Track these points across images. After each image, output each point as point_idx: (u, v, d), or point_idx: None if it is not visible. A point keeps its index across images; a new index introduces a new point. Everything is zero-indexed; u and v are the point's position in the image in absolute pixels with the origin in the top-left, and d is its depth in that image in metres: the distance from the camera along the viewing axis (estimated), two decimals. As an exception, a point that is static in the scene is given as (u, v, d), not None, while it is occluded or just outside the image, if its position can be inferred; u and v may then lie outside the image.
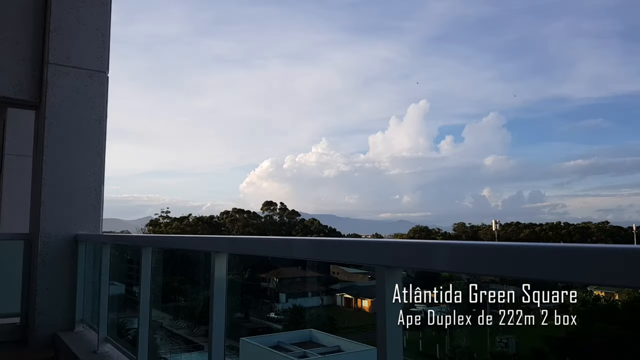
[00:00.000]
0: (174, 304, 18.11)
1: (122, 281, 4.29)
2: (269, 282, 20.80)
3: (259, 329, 18.70)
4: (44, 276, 4.19)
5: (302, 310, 18.97)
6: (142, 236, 2.88)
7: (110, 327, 3.66)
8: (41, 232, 4.19)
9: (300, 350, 14.01)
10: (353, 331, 18.36)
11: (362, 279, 20.86)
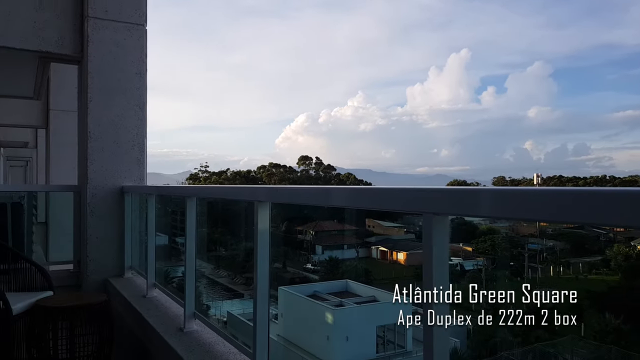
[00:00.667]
0: (215, 254, 18.73)
1: (166, 232, 4.45)
2: (306, 235, 21.08)
3: (296, 278, 19.18)
4: (94, 226, 4.38)
5: (337, 261, 19.27)
6: (186, 187, 2.96)
7: (156, 275, 3.82)
8: (89, 184, 4.35)
9: (336, 299, 14.36)
10: (388, 282, 18.59)
11: (398, 232, 20.88)
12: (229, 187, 2.53)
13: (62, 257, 4.85)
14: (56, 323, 3.01)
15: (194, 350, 2.62)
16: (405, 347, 12.60)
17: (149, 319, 3.19)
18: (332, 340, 12.70)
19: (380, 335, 12.85)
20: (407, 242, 19.60)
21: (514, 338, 11.89)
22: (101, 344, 3.13)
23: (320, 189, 1.88)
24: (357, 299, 14.54)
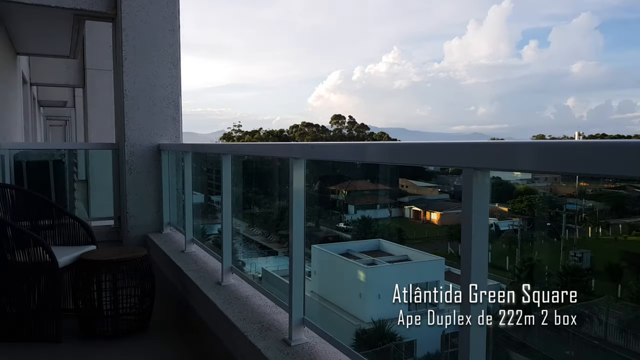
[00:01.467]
0: (249, 212, 19.05)
1: (202, 191, 4.53)
2: (338, 194, 21.14)
3: (329, 237, 19.38)
4: (132, 183, 4.49)
5: (370, 221, 19.32)
6: (222, 145, 2.97)
7: (194, 231, 3.91)
8: (126, 142, 4.43)
9: (368, 258, 14.50)
10: (420, 242, 18.57)
11: (432, 192, 20.67)
12: (263, 145, 2.52)
13: (103, 213, 5.01)
14: (100, 276, 3.13)
15: (231, 302, 2.69)
16: (437, 305, 12.74)
17: (188, 272, 3.28)
18: (364, 298, 12.90)
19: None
20: (441, 202, 19.41)
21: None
22: (143, 296, 3.24)
23: (355, 145, 1.85)
24: (389, 258, 14.63)
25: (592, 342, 10.51)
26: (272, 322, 2.42)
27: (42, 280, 3.13)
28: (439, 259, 16.37)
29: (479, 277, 1.31)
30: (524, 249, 14.50)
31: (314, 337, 2.23)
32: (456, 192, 20.21)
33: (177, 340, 3.14)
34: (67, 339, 3.09)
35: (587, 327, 11.08)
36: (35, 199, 3.63)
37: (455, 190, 20.23)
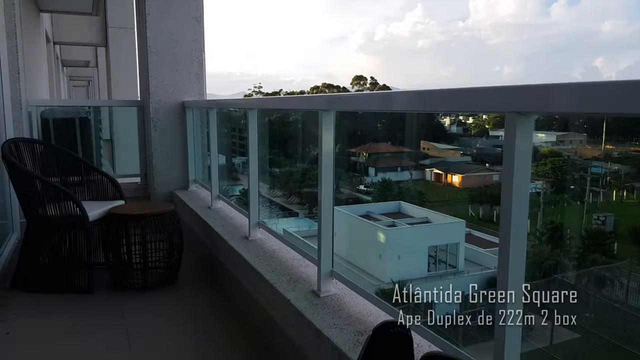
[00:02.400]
0: (270, 174, 19.11)
1: (224, 153, 4.53)
2: (359, 157, 21.00)
3: (350, 199, 19.38)
4: (158, 140, 4.51)
5: (391, 183, 19.21)
6: (248, 99, 2.94)
7: (219, 188, 3.93)
8: (151, 99, 4.43)
9: (389, 219, 14.54)
10: (441, 205, 18.48)
11: (454, 154, 20.41)
12: (290, 98, 2.48)
13: (128, 171, 5.07)
14: (129, 230, 3.19)
15: (259, 255, 2.72)
16: (456, 267, 12.72)
17: (215, 227, 3.32)
18: (384, 258, 13.00)
19: (432, 255, 12.98)
20: (463, 164, 19.20)
21: (569, 261, 11.74)
22: (171, 250, 3.30)
23: (384, 94, 1.80)
24: (409, 220, 14.64)
25: (612, 304, 10.47)
26: (300, 274, 2.45)
27: (72, 233, 3.20)
28: (460, 221, 16.27)
29: (519, 229, 1.26)
30: (546, 212, 14.36)
31: (342, 289, 2.25)
32: (478, 154, 19.96)
33: (205, 292, 3.21)
34: (98, 291, 3.18)
35: (608, 290, 11.01)
36: (63, 154, 3.68)
37: (478, 152, 19.98)
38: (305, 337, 2.00)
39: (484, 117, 19.81)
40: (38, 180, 3.09)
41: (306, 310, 2.04)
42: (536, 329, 9.50)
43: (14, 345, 2.49)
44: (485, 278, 11.82)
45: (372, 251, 13.16)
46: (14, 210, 4.08)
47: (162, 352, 2.43)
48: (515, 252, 1.28)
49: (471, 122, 20.97)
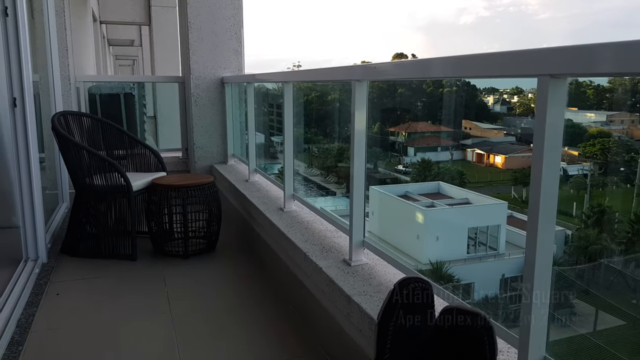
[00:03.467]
0: (308, 153, 19.18)
1: (262, 132, 4.60)
2: (398, 136, 20.78)
3: (387, 179, 19.24)
4: (198, 115, 4.62)
5: (430, 163, 18.92)
6: (283, 72, 2.97)
7: (257, 161, 4.01)
8: (192, 75, 4.53)
9: (427, 200, 14.37)
10: (483, 186, 18.11)
11: (497, 134, 19.88)
12: (324, 69, 2.49)
13: (171, 144, 5.23)
14: (170, 200, 3.31)
15: (293, 226, 2.78)
16: (497, 249, 12.49)
17: (252, 199, 3.40)
18: (421, 239, 12.88)
19: (471, 237, 12.78)
20: (506, 144, 18.68)
21: (616, 246, 11.34)
22: (210, 220, 3.41)
23: (419, 61, 1.78)
24: (449, 201, 14.42)
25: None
26: (332, 244, 2.49)
27: (118, 203, 3.35)
28: (502, 203, 15.87)
29: (549, 202, 1.23)
30: (594, 194, 13.84)
31: (374, 260, 2.28)
32: (523, 134, 19.35)
33: (242, 260, 3.31)
34: (141, 258, 3.33)
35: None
36: (109, 127, 3.83)
37: (522, 132, 19.37)
38: (336, 304, 2.05)
39: (529, 95, 19.14)
40: (85, 151, 3.24)
41: (337, 277, 2.09)
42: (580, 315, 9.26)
43: (63, 306, 2.65)
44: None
45: (410, 231, 13.06)
46: (63, 182, 4.29)
47: (201, 315, 2.54)
48: (544, 227, 1.24)
49: (516, 101, 20.32)
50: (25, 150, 2.87)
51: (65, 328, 2.41)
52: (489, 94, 19.89)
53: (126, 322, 2.47)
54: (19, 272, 2.79)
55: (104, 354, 2.18)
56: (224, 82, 4.60)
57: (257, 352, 2.19)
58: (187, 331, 2.37)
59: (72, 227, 3.37)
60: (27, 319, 2.41)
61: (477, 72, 1.45)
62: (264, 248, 3.12)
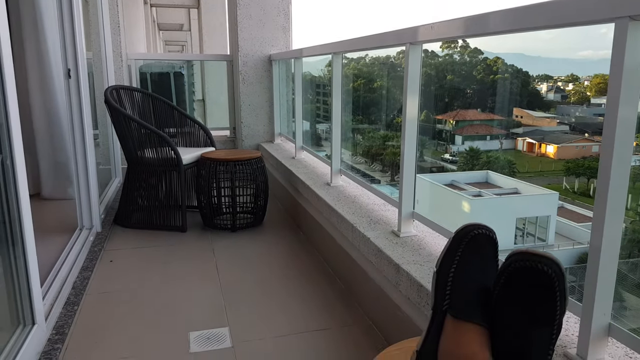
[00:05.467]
0: (353, 141, 19.10)
1: (308, 120, 4.57)
2: (445, 124, 20.39)
3: (433, 168, 18.93)
4: (246, 93, 4.64)
5: (478, 152, 18.45)
6: (331, 44, 2.93)
7: (304, 138, 3.99)
8: (240, 52, 4.55)
9: (475, 189, 14.00)
10: (533, 176, 17.53)
11: (549, 123, 19.19)
12: (374, 36, 2.42)
13: (220, 123, 5.29)
14: (219, 174, 3.34)
15: (340, 200, 2.75)
16: (546, 240, 12.06)
17: (299, 175, 3.39)
18: (468, 229, 12.62)
19: (519, 227, 12.38)
20: (559, 134, 17.98)
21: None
22: (257, 195, 3.43)
23: (476, 16, 1.68)
24: (497, 191, 14.01)
25: None
26: (380, 217, 2.45)
27: (168, 176, 3.41)
28: (552, 194, 15.36)
29: (619, 183, 1.13)
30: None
31: (424, 231, 2.22)
32: (577, 123, 18.53)
33: (288, 234, 3.31)
34: (191, 230, 3.38)
35: None
36: (160, 103, 3.90)
37: (577, 121, 18.54)
38: (384, 274, 2.01)
39: (585, 83, 18.29)
40: (136, 123, 3.31)
41: (386, 247, 2.04)
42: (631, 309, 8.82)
43: (116, 271, 2.73)
44: (576, 253, 11.12)
45: (456, 221, 12.79)
46: (116, 158, 4.42)
47: (248, 284, 2.55)
48: (612, 212, 1.15)
49: (571, 89, 19.46)
50: (80, 123, 2.96)
51: (118, 292, 2.47)
52: (543, 81, 19.12)
53: (176, 287, 2.51)
54: (75, 238, 2.89)
55: (156, 315, 2.22)
56: (271, 60, 4.60)
57: (303, 320, 2.18)
58: (235, 298, 2.39)
59: (124, 199, 3.46)
60: (82, 282, 2.49)
61: (545, 22, 1.35)
62: (311, 222, 3.11)
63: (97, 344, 1.99)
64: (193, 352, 1.94)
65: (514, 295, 0.76)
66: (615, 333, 1.19)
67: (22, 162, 1.76)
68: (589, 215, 11.08)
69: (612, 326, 1.19)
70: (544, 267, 0.73)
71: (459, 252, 0.86)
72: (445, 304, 0.82)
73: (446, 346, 0.76)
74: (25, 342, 1.67)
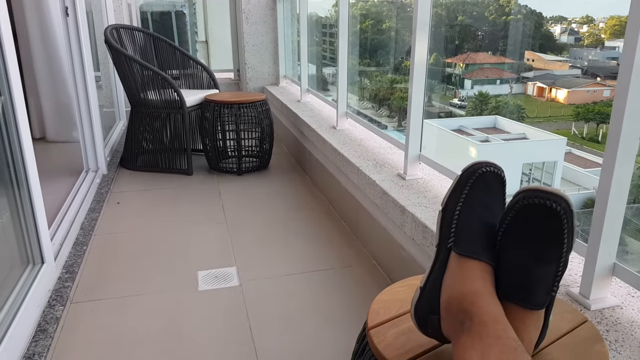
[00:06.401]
0: (359, 86, 18.82)
1: (314, 63, 4.44)
2: (455, 68, 19.92)
3: (441, 113, 18.71)
4: (249, 33, 4.51)
5: (487, 97, 18.17)
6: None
7: (309, 81, 3.91)
8: (243, -11, 4.39)
9: (482, 135, 13.90)
10: (542, 121, 17.32)
11: (561, 67, 18.71)
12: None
13: (224, 65, 5.19)
14: (223, 116, 3.30)
15: (346, 143, 2.72)
16: (551, 185, 12.12)
17: (304, 118, 3.34)
18: (473, 174, 12.65)
19: (526, 173, 12.39)
20: (570, 78, 17.58)
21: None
22: (262, 138, 3.40)
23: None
24: (505, 136, 13.90)
25: None
26: (386, 160, 2.43)
27: (172, 119, 3.38)
28: (560, 139, 15.30)
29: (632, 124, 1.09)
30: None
31: (430, 174, 2.20)
32: (590, 67, 18.10)
33: (294, 177, 3.31)
34: (197, 173, 3.39)
35: None
36: (162, 43, 3.80)
37: (589, 65, 18.11)
38: (389, 215, 2.01)
39: (600, 25, 17.72)
40: (139, 64, 3.24)
41: (391, 190, 2.03)
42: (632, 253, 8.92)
43: (123, 213, 2.75)
44: (582, 198, 11.17)
45: (463, 166, 12.77)
46: (120, 100, 4.37)
47: (255, 225, 2.57)
48: (623, 154, 1.11)
49: (585, 31, 18.88)
50: (80, 63, 2.90)
51: (126, 233, 2.50)
52: (556, 23, 18.53)
53: (184, 228, 2.54)
54: (81, 181, 2.90)
55: (164, 255, 2.26)
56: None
57: (307, 260, 2.21)
58: (241, 238, 2.42)
59: (129, 142, 3.45)
60: (90, 223, 2.52)
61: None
62: (316, 165, 3.10)
63: (107, 283, 2.03)
64: (201, 290, 1.98)
65: (520, 232, 0.75)
66: (619, 273, 1.20)
67: (22, 103, 1.74)
68: (597, 161, 11.15)
69: (616, 266, 1.19)
70: (552, 204, 0.71)
71: (466, 190, 0.84)
72: (450, 241, 0.81)
73: (450, 283, 0.76)
74: (35, 280, 1.70)
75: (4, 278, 1.63)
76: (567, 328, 0.85)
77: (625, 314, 1.16)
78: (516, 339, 0.63)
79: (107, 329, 1.74)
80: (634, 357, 1.01)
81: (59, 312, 1.73)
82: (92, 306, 1.87)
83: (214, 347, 1.64)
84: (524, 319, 0.72)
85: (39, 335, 1.60)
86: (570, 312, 0.90)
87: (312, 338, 1.69)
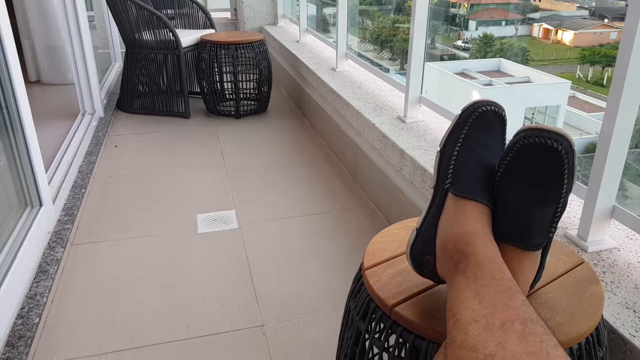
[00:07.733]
0: (360, 27, 18.34)
1: (314, 3, 4.26)
2: (459, 8, 19.30)
3: (444, 55, 18.29)
4: (246, -31, 4.34)
5: (492, 39, 17.70)
6: None
7: (308, 20, 3.79)
8: None
9: (486, 78, 13.66)
10: (547, 64, 16.97)
11: (569, 7, 18.11)
12: None
13: (220, 5, 5.02)
14: (220, 57, 3.21)
15: (346, 85, 2.66)
16: (554, 131, 12.05)
17: (303, 59, 3.26)
18: (475, 118, 12.55)
19: (528, 117, 12.28)
20: (577, 19, 17.07)
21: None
22: (261, 81, 3.33)
23: None
24: (509, 79, 13.67)
25: None
26: (386, 103, 2.38)
27: (168, 60, 3.29)
28: (564, 82, 15.05)
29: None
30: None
31: (430, 117, 2.17)
32: (598, 8, 17.54)
33: (292, 120, 3.27)
34: (195, 116, 3.34)
35: None
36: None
37: (597, 5, 17.54)
38: (388, 158, 1.99)
39: (613, -39, 17.01)
40: (132, 3, 3.12)
41: (391, 133, 2.01)
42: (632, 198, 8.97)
43: (121, 156, 2.74)
44: (584, 143, 11.11)
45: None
46: (115, 41, 4.25)
47: (253, 169, 2.56)
48: (627, 96, 1.07)
49: (596, -31, 18.13)
50: (72, 2, 2.80)
51: (124, 176, 2.50)
52: (567, -41, 17.77)
53: (182, 171, 2.53)
54: (77, 123, 2.87)
55: (163, 198, 2.26)
56: None
57: (308, 204, 2.22)
58: (240, 182, 2.42)
59: (125, 84, 3.38)
60: (87, 166, 2.51)
61: None
62: (315, 108, 3.05)
63: (107, 225, 2.05)
64: (201, 233, 1.99)
65: (520, 172, 0.73)
66: (618, 215, 1.19)
67: (12, 44, 1.68)
68: (600, 105, 11.04)
69: (616, 208, 1.19)
70: (554, 143, 0.69)
71: (465, 130, 0.82)
72: (447, 182, 0.79)
73: (446, 223, 0.75)
74: (34, 222, 1.71)
75: (3, 220, 1.64)
76: (564, 269, 0.85)
77: (622, 256, 1.17)
78: (512, 280, 0.62)
79: (107, 269, 1.76)
80: (629, 297, 1.02)
81: (59, 254, 1.75)
82: (92, 248, 1.89)
83: (213, 287, 1.67)
84: (521, 259, 0.71)
85: (40, 276, 1.62)
86: (568, 253, 0.90)
87: (310, 279, 1.72)
